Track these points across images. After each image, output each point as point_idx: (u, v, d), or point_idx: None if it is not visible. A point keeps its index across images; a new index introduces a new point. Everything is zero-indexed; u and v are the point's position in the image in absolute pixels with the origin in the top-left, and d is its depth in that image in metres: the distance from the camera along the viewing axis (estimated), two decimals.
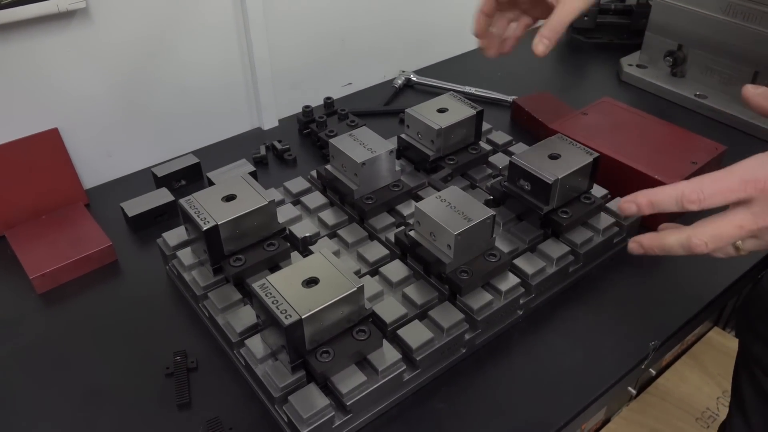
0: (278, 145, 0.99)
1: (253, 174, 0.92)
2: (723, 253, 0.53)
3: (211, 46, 0.96)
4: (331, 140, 0.79)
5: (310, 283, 0.60)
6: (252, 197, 0.70)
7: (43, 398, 0.65)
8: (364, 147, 0.78)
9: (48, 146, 0.85)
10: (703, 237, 0.50)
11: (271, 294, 0.58)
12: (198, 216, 0.67)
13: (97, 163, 0.93)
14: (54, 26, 0.81)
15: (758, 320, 0.80)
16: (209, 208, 0.68)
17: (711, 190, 0.49)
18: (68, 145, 0.88)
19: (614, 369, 0.67)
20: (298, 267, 0.61)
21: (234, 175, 0.87)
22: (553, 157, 0.75)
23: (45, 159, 0.85)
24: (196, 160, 0.94)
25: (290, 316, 0.56)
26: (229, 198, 0.70)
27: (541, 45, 0.65)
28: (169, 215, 0.87)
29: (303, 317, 0.56)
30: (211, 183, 0.92)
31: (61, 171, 0.87)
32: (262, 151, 0.98)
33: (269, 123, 1.07)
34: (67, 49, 0.83)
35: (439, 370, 0.66)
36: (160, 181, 0.91)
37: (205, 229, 0.66)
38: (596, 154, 0.75)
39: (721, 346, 1.68)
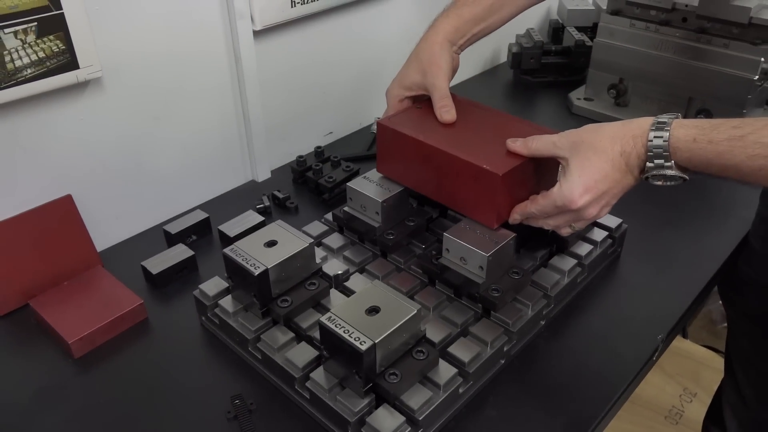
0: (279, 195, 1.04)
1: (261, 223, 0.97)
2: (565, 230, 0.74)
3: (209, 107, 1.01)
4: (349, 184, 0.85)
5: (371, 312, 0.65)
6: (292, 241, 0.75)
7: None
8: (380, 187, 0.84)
9: (63, 213, 0.86)
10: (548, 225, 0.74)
11: (339, 325, 0.63)
12: (247, 263, 0.71)
13: (105, 225, 0.94)
14: (69, 96, 0.83)
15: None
16: (255, 254, 0.72)
17: (540, 212, 0.72)
18: (79, 211, 0.89)
19: (633, 363, 0.76)
20: (357, 298, 0.67)
21: (243, 223, 0.92)
22: None
23: (60, 226, 0.86)
24: (205, 215, 0.97)
25: (364, 342, 0.61)
26: (271, 244, 0.74)
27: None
28: (188, 270, 0.90)
29: (376, 342, 0.61)
30: (223, 236, 0.95)
31: (76, 237, 0.87)
32: (266, 201, 1.02)
33: (263, 175, 1.12)
34: (80, 117, 0.85)
35: (485, 382, 0.72)
36: (173, 238, 0.94)
37: (257, 273, 0.70)
38: None
39: (676, 349, 1.82)
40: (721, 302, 1.93)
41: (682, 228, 0.98)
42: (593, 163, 0.67)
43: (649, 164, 0.64)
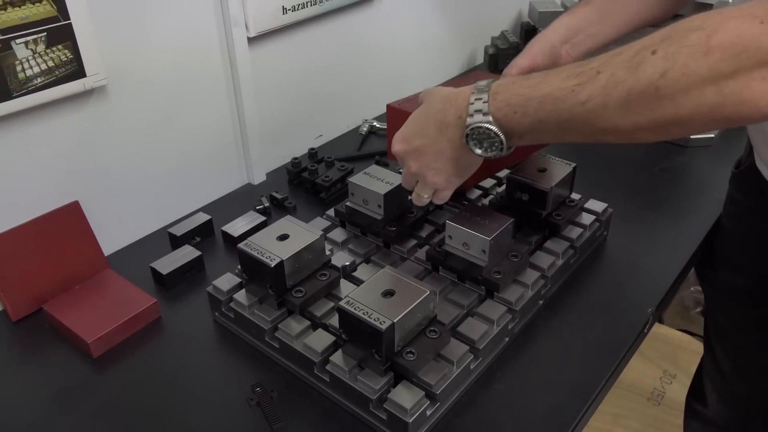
0: (277, 195, 1.07)
1: (263, 223, 1.00)
2: (419, 200, 0.74)
3: (207, 112, 1.04)
4: (350, 179, 0.89)
5: (387, 295, 0.69)
6: (303, 234, 0.78)
7: None
8: (381, 181, 0.88)
9: (70, 219, 0.88)
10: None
11: (358, 308, 0.66)
12: (262, 255, 0.74)
13: (110, 230, 0.96)
14: (76, 104, 0.85)
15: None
16: (269, 247, 0.75)
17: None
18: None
19: (627, 335, 0.81)
20: (371, 283, 0.70)
21: (246, 223, 0.95)
22: (541, 170, 0.89)
23: (69, 232, 0.88)
24: (208, 217, 1.00)
25: (384, 322, 0.64)
26: (283, 237, 0.77)
27: None
28: (196, 269, 0.92)
29: (395, 321, 0.65)
30: (227, 236, 0.98)
31: (84, 242, 0.89)
32: (265, 202, 1.05)
33: (258, 178, 1.15)
34: (86, 124, 0.88)
35: (493, 358, 0.77)
36: (178, 240, 0.96)
37: (273, 265, 0.73)
38: (574, 164, 0.90)
39: (654, 334, 1.90)
40: (692, 289, 2.02)
41: (662, 212, 1.04)
42: (416, 116, 0.69)
43: (469, 120, 0.63)
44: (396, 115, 0.85)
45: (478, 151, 0.64)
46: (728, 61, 0.47)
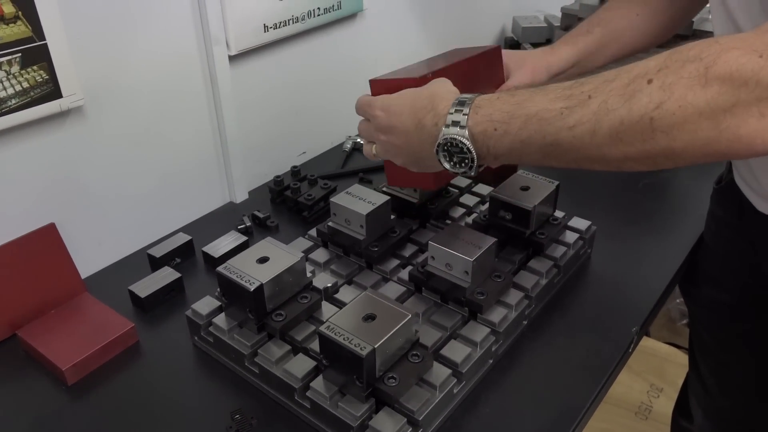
0: (259, 215, 1.06)
1: (245, 243, 0.98)
2: (369, 156, 0.76)
3: (188, 131, 1.02)
4: (332, 199, 0.88)
5: (367, 319, 0.68)
6: (283, 256, 0.77)
7: None
8: (364, 201, 0.87)
9: (47, 242, 0.86)
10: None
11: (339, 333, 0.65)
12: (241, 279, 0.73)
13: (88, 252, 0.94)
14: (52, 124, 0.84)
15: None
16: (248, 271, 0.74)
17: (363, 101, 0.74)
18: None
19: (612, 355, 0.80)
20: (352, 307, 0.69)
21: (226, 244, 0.94)
22: (524, 189, 0.89)
23: (44, 255, 0.86)
24: (188, 237, 0.98)
25: (365, 348, 0.63)
26: (263, 260, 0.76)
27: None
28: (176, 292, 0.91)
29: (376, 347, 0.64)
30: (207, 257, 0.96)
31: (60, 265, 0.87)
32: (247, 221, 1.04)
33: (241, 196, 1.14)
34: (62, 145, 0.86)
35: (477, 381, 0.76)
36: (158, 262, 0.94)
37: (252, 289, 0.72)
38: (557, 183, 0.90)
39: (641, 348, 1.89)
40: (678, 301, 2.03)
41: (646, 228, 1.04)
42: (407, 95, 0.68)
43: (444, 130, 0.61)
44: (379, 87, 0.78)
45: (446, 165, 0.63)
46: (727, 94, 0.46)
